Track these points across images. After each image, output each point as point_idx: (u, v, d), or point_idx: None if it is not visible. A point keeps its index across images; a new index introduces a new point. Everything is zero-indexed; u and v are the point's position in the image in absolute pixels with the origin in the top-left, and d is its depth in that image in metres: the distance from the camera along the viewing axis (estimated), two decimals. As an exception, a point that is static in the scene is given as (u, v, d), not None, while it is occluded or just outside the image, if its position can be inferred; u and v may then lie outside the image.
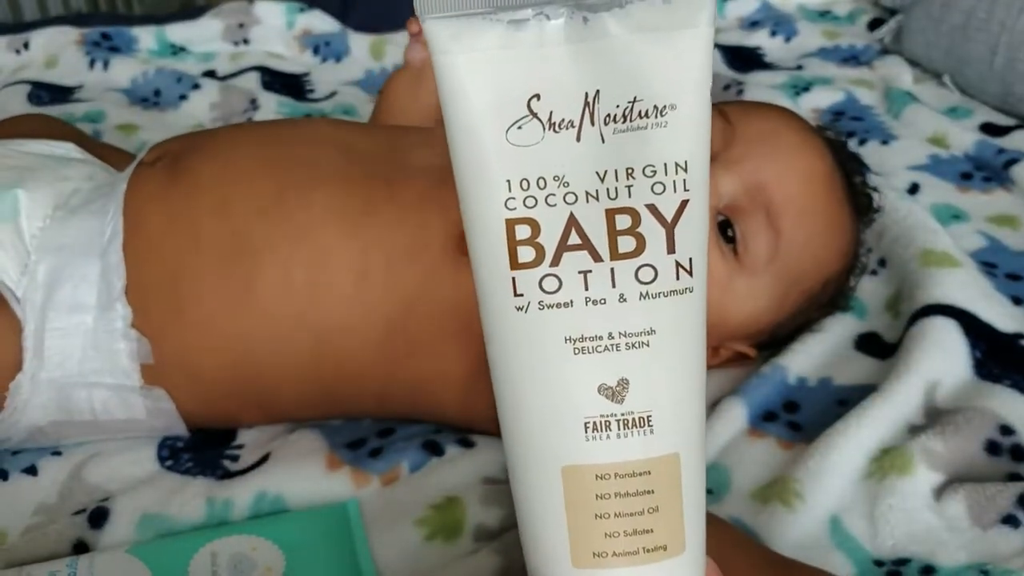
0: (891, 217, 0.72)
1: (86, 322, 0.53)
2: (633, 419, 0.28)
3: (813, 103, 0.95)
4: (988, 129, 0.91)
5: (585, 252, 0.28)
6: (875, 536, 0.50)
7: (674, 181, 0.28)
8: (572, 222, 0.28)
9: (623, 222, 0.28)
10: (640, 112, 0.27)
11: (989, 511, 0.49)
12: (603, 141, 0.28)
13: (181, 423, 0.57)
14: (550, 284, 0.28)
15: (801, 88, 0.98)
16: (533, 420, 0.29)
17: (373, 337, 0.54)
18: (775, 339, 0.63)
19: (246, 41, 1.11)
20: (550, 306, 0.28)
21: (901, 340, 0.62)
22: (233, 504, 0.52)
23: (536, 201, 0.28)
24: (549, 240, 0.28)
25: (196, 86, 0.99)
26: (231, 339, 0.54)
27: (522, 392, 0.29)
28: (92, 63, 1.03)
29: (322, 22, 1.13)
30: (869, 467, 0.53)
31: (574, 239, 0.28)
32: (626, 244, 0.28)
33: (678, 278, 0.28)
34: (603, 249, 0.28)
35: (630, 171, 0.28)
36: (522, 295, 0.28)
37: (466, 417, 0.57)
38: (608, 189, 0.28)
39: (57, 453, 0.57)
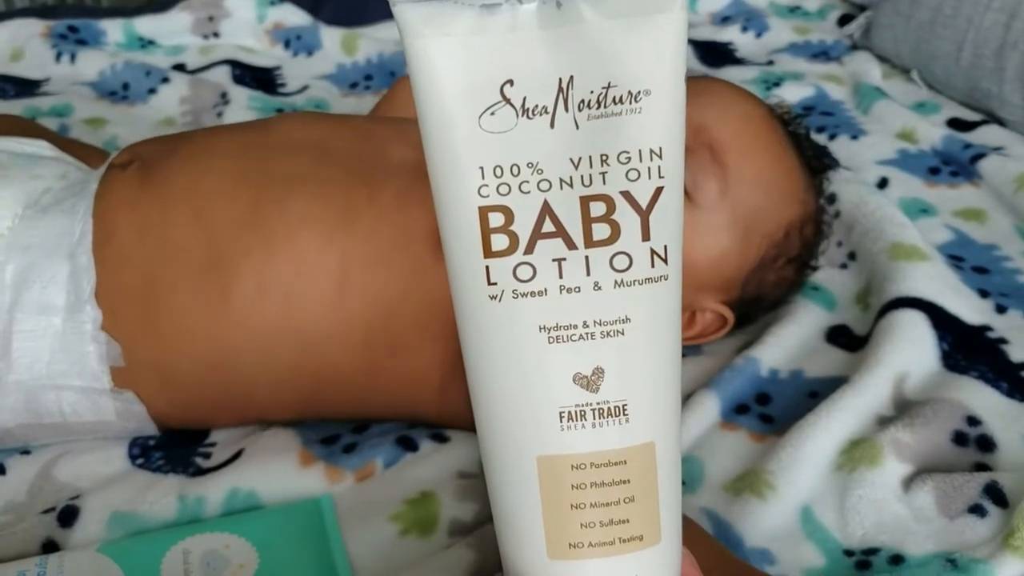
0: (860, 211, 0.73)
1: (54, 324, 0.52)
2: (609, 408, 0.28)
3: (784, 98, 0.96)
4: (955, 124, 0.92)
5: (559, 240, 0.28)
6: (845, 527, 0.51)
7: (649, 168, 0.28)
8: (546, 209, 0.28)
9: (597, 209, 0.28)
10: (614, 98, 0.27)
11: (956, 501, 0.50)
12: (577, 127, 0.28)
13: (152, 424, 0.56)
14: (524, 272, 0.28)
15: (772, 83, 0.98)
16: (508, 410, 0.29)
17: (354, 342, 0.54)
18: (748, 301, 0.63)
19: (216, 34, 1.10)
20: (524, 295, 0.28)
21: (871, 333, 0.62)
22: (205, 501, 0.51)
23: (510, 188, 0.28)
24: (523, 228, 0.28)
25: (165, 80, 0.98)
26: (207, 346, 0.53)
27: (496, 382, 0.29)
28: (59, 56, 1.02)
29: (293, 15, 1.12)
30: (839, 459, 0.54)
31: (548, 227, 0.28)
32: (601, 231, 0.28)
33: (653, 266, 0.28)
34: (577, 237, 0.28)
35: (604, 158, 0.28)
36: (496, 284, 0.28)
37: (442, 415, 0.57)
38: (582, 176, 0.28)
39: (26, 452, 0.56)
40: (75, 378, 0.53)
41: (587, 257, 0.28)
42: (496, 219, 0.28)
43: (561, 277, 0.28)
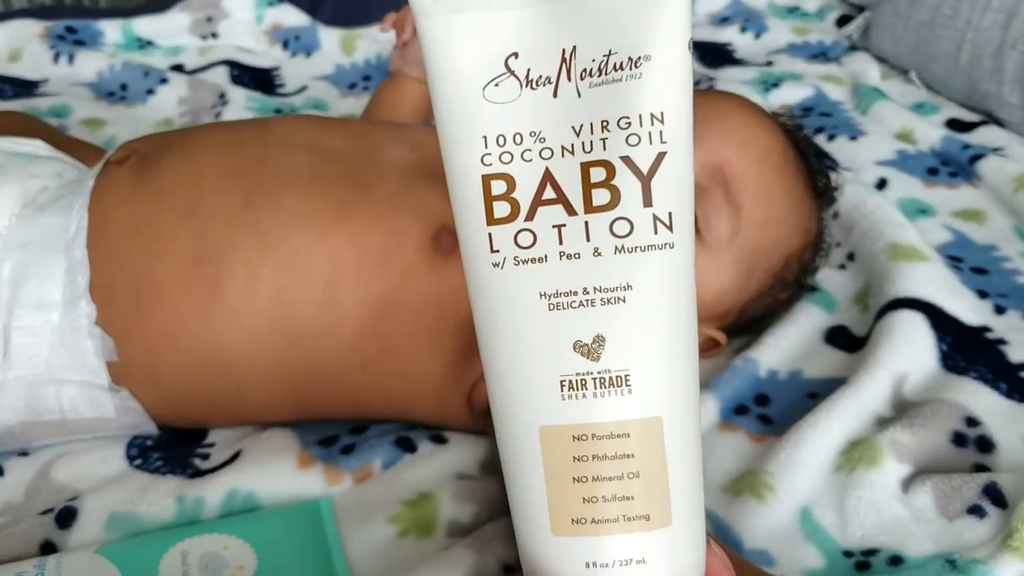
0: (859, 212, 0.73)
1: (52, 319, 0.53)
2: (610, 378, 0.28)
3: (783, 99, 0.96)
4: (954, 125, 0.92)
5: (560, 206, 0.28)
6: (844, 527, 0.51)
7: (649, 132, 0.28)
8: (547, 177, 0.28)
9: (598, 175, 0.28)
10: (615, 64, 0.28)
11: (955, 502, 0.50)
12: (579, 96, 0.28)
13: (150, 421, 0.56)
14: (525, 239, 0.28)
15: (771, 84, 0.98)
16: (512, 379, 0.28)
17: (345, 341, 0.54)
18: (743, 322, 0.64)
19: (214, 35, 1.10)
20: (525, 261, 0.28)
21: (870, 333, 0.62)
22: (204, 502, 0.51)
23: (512, 157, 0.28)
24: (524, 195, 0.28)
25: (164, 80, 0.98)
26: (196, 343, 0.53)
27: (500, 350, 0.29)
28: (57, 57, 1.01)
29: (292, 16, 1.12)
30: (839, 459, 0.54)
31: (549, 193, 0.28)
32: (600, 197, 0.28)
33: (656, 232, 0.28)
34: (577, 203, 0.28)
35: (605, 124, 0.28)
36: (498, 251, 0.28)
37: (440, 416, 0.57)
38: (583, 143, 0.28)
39: (24, 453, 0.56)
40: (74, 373, 0.53)
41: (587, 223, 0.28)
42: (498, 187, 0.28)
43: (561, 243, 0.28)
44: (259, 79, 1.04)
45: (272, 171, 0.55)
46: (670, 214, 0.28)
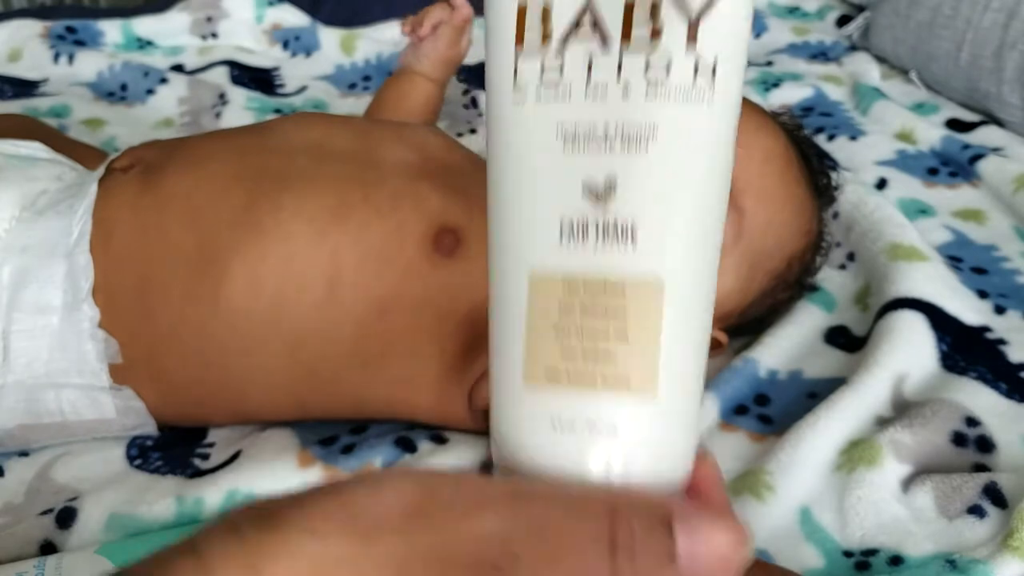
0: (860, 212, 0.73)
1: (52, 323, 0.53)
2: (616, 228, 0.25)
3: (783, 99, 0.96)
4: (954, 125, 0.92)
5: (595, 40, 0.26)
6: (844, 527, 0.51)
7: None
8: (588, 6, 0.26)
9: (643, 7, 0.25)
10: None
11: (955, 502, 0.50)
12: None
13: (151, 421, 0.56)
14: (551, 72, 0.26)
15: (771, 84, 0.98)
16: (511, 219, 0.27)
17: (346, 341, 0.54)
18: (744, 322, 0.64)
19: (214, 35, 1.10)
20: (548, 96, 0.26)
21: (870, 333, 0.62)
22: (203, 503, 0.51)
23: None
24: (559, 24, 0.26)
25: (164, 80, 0.98)
26: (200, 344, 0.53)
27: (506, 187, 0.27)
28: (57, 57, 1.02)
29: (292, 16, 1.12)
30: (838, 459, 0.54)
31: (586, 25, 0.26)
32: (640, 33, 0.25)
33: (695, 83, 0.25)
34: (614, 37, 0.25)
35: None
36: (522, 83, 0.26)
37: (440, 416, 0.57)
38: None
39: (24, 454, 0.56)
40: (75, 376, 0.53)
41: (621, 60, 0.25)
42: (534, 15, 0.26)
43: (589, 80, 0.26)
44: (259, 79, 1.04)
45: (274, 174, 0.56)
46: (715, 65, 0.25)
